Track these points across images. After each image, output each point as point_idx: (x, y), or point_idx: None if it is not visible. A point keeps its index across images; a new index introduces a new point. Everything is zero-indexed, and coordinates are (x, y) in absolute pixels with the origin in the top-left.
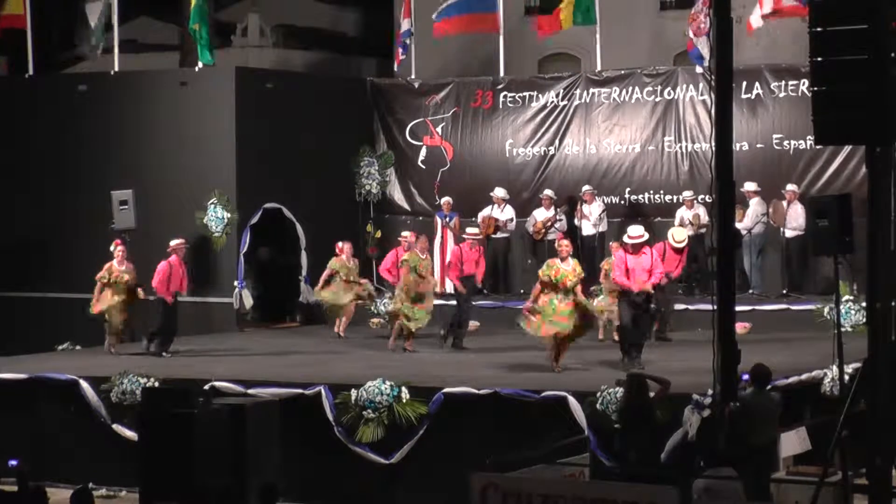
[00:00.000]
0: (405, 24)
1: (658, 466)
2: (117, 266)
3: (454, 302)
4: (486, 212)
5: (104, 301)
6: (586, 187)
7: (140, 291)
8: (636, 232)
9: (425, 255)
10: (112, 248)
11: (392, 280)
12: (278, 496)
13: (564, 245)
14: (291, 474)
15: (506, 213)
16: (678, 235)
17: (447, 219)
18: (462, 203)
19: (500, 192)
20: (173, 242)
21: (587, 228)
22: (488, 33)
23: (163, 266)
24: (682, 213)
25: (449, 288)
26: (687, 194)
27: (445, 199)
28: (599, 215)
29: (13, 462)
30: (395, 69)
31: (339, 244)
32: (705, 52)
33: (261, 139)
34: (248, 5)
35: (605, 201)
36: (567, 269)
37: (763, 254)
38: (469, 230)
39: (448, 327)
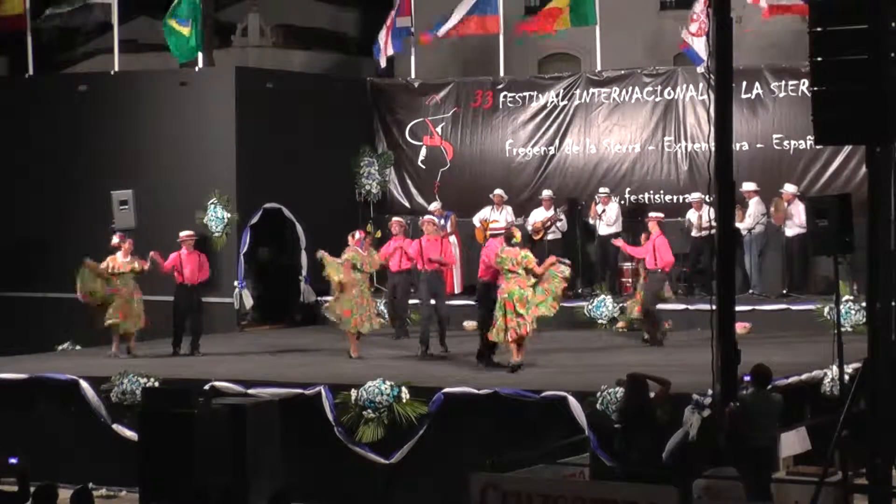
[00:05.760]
0: (403, 22)
1: (658, 466)
2: (122, 258)
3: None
4: (483, 213)
5: (110, 314)
6: (603, 190)
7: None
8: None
9: (367, 251)
10: (116, 241)
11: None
12: (291, 501)
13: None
14: (291, 474)
15: (504, 214)
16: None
17: (442, 220)
18: (462, 203)
19: (499, 192)
20: (182, 234)
21: (604, 229)
22: (488, 34)
23: (173, 255)
24: (691, 216)
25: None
26: (695, 196)
27: (435, 206)
28: (616, 215)
29: (13, 460)
30: (379, 68)
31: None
32: (703, 53)
33: (261, 139)
34: (248, 5)
35: None
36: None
37: (763, 253)
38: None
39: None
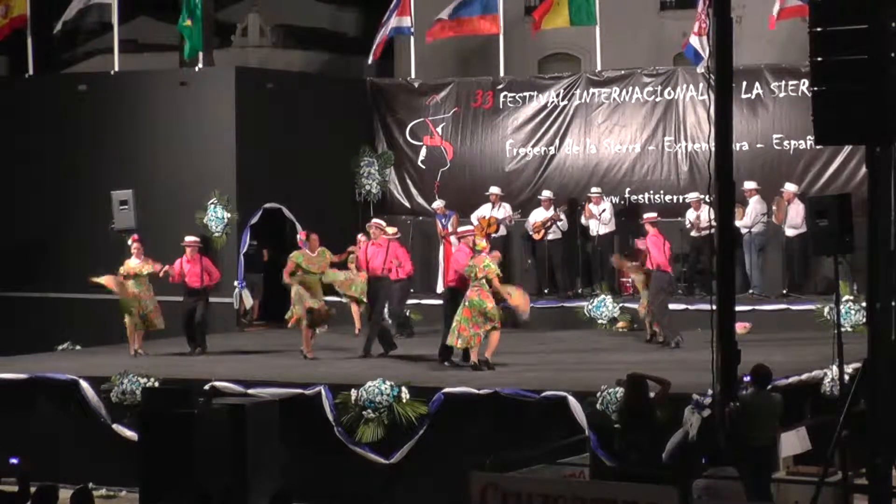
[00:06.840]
0: (402, 22)
1: (658, 466)
2: (135, 261)
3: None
4: (482, 211)
5: (123, 292)
6: (595, 189)
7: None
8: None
9: (315, 252)
10: (129, 243)
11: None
12: (291, 501)
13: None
14: (291, 474)
15: (502, 212)
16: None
17: (445, 219)
18: (462, 203)
19: (494, 190)
20: (187, 239)
21: (601, 228)
22: (488, 34)
23: (178, 260)
24: (689, 216)
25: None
26: (692, 196)
27: (438, 204)
28: (610, 214)
29: (14, 460)
30: (369, 61)
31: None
32: (703, 52)
33: (261, 139)
34: (248, 5)
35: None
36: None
37: (763, 253)
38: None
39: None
